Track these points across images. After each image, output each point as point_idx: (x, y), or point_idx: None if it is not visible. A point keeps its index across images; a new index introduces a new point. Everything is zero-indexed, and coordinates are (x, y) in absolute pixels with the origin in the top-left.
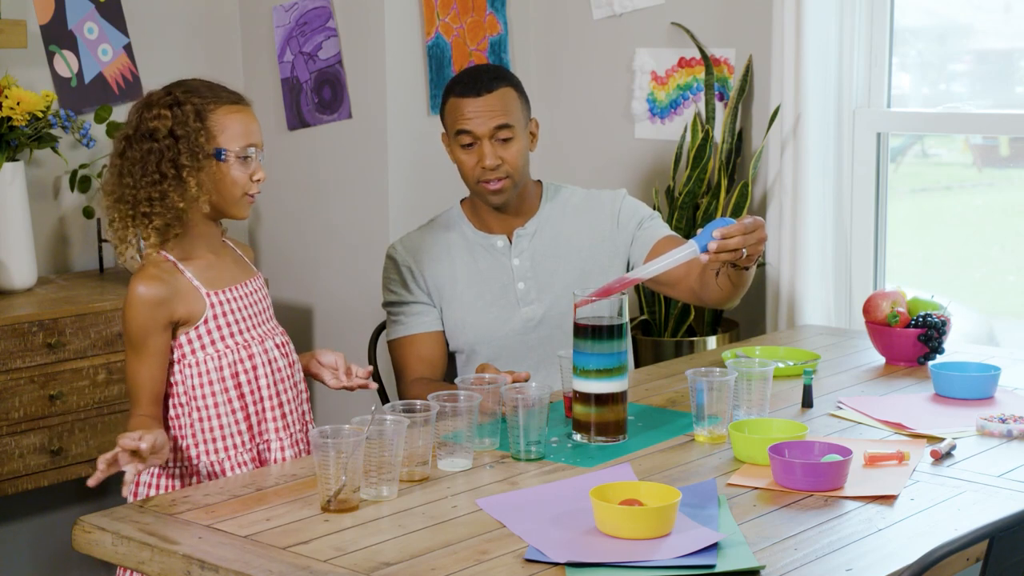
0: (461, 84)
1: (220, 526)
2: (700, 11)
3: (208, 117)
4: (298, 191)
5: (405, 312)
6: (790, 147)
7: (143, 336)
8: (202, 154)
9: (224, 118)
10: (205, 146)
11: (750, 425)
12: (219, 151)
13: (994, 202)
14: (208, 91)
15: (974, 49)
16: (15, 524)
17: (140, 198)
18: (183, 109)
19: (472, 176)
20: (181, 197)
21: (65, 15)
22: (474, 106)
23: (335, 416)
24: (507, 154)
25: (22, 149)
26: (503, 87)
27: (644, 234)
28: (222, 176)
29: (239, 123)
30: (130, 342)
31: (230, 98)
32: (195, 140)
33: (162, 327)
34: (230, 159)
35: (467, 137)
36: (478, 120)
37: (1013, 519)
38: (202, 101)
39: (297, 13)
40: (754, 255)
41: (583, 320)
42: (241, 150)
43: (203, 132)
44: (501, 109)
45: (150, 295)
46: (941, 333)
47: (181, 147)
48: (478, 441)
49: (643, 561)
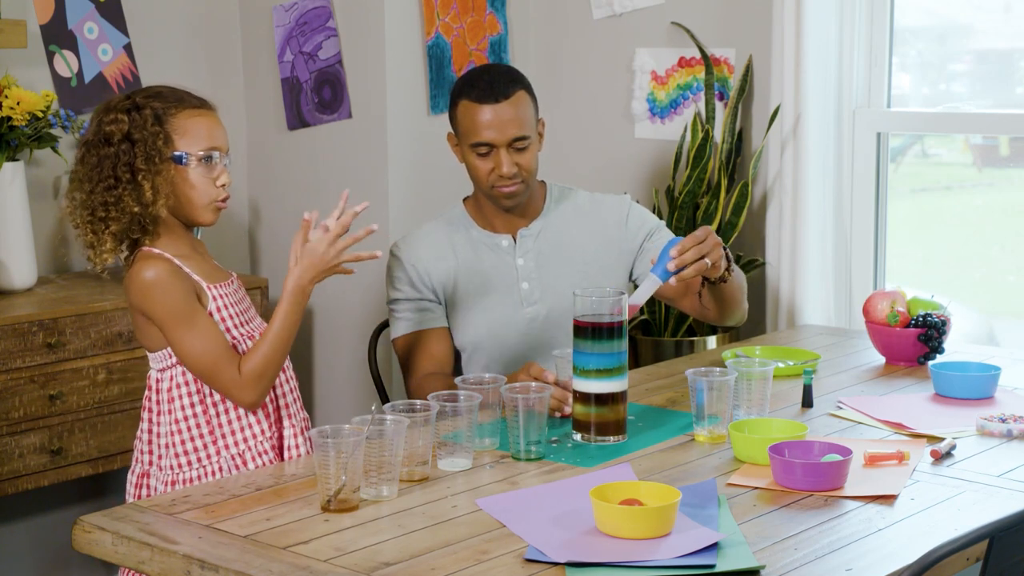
0: (477, 89)
1: (220, 526)
2: (700, 11)
3: (168, 121)
4: (298, 191)
5: (411, 309)
6: (790, 147)
7: (190, 302)
8: (159, 157)
9: (186, 122)
10: (163, 149)
11: (750, 425)
12: (179, 155)
13: (994, 202)
14: (171, 95)
15: (974, 49)
16: (15, 524)
17: (96, 203)
18: (142, 113)
19: (487, 181)
20: (136, 201)
21: (65, 15)
22: (492, 113)
23: (335, 416)
24: (523, 160)
25: (22, 149)
26: (518, 91)
27: (653, 246)
28: (183, 180)
29: (201, 127)
30: (180, 317)
31: (193, 102)
32: (152, 143)
33: (194, 294)
34: (191, 163)
35: (484, 148)
36: (495, 130)
37: (1013, 519)
38: (163, 105)
39: (297, 13)
40: (717, 263)
41: (583, 319)
42: (203, 153)
43: (161, 135)
44: (518, 118)
45: (168, 269)
46: (941, 333)
47: (137, 151)
48: (478, 441)
49: (643, 561)
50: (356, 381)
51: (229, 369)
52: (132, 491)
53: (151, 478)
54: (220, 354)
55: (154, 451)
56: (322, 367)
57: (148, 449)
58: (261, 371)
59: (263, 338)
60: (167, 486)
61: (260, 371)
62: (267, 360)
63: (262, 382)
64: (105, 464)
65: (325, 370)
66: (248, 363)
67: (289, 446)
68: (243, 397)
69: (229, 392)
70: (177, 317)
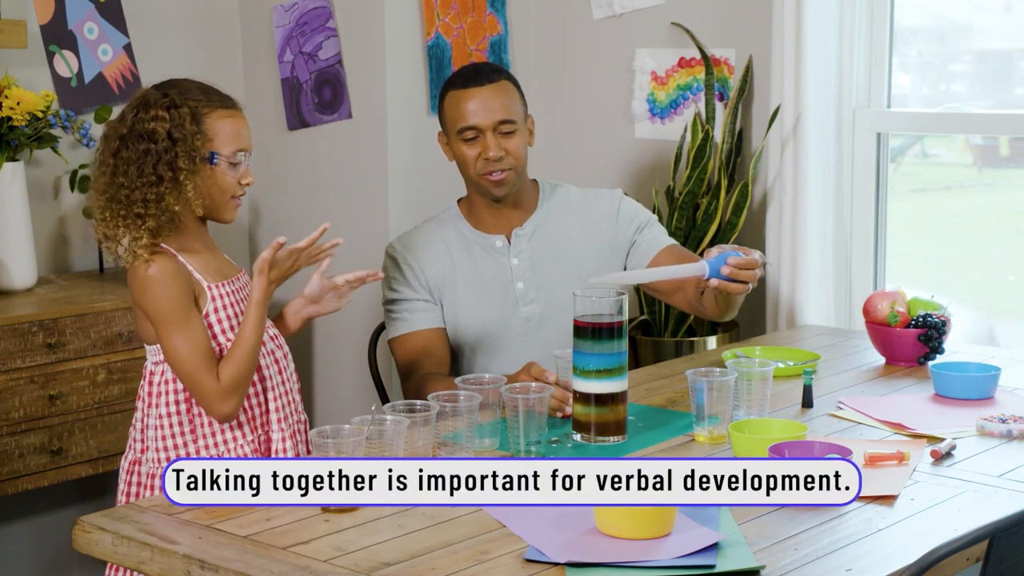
0: (462, 77)
1: (220, 526)
2: (700, 11)
3: (203, 120)
4: (298, 191)
5: (408, 309)
6: (790, 147)
7: (185, 303)
8: (198, 157)
9: (218, 122)
10: (200, 149)
11: (750, 425)
12: (212, 155)
13: (994, 202)
14: (202, 94)
15: (974, 49)
16: (15, 524)
17: (135, 199)
18: (179, 111)
19: (474, 169)
20: (177, 200)
21: (65, 15)
22: (478, 96)
23: (335, 416)
24: (510, 146)
25: (22, 149)
26: (503, 79)
27: (645, 240)
28: (213, 180)
29: (232, 127)
30: (171, 318)
31: (224, 102)
32: (191, 143)
33: (191, 293)
34: (221, 163)
35: (471, 132)
36: (481, 113)
37: (1013, 519)
38: (197, 104)
39: (297, 13)
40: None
41: (583, 319)
42: (232, 155)
43: (199, 135)
44: (503, 102)
45: (170, 268)
46: (941, 333)
47: (179, 150)
48: (478, 441)
49: (643, 561)
50: (356, 381)
51: (209, 377)
52: (124, 476)
53: (141, 465)
54: (203, 360)
55: (143, 441)
56: (322, 367)
57: (140, 438)
58: (237, 380)
59: (236, 349)
60: (151, 478)
61: (236, 380)
62: (241, 370)
63: (238, 392)
64: (105, 464)
65: (325, 370)
66: (225, 370)
67: (277, 450)
68: (220, 408)
69: (207, 401)
70: (169, 316)
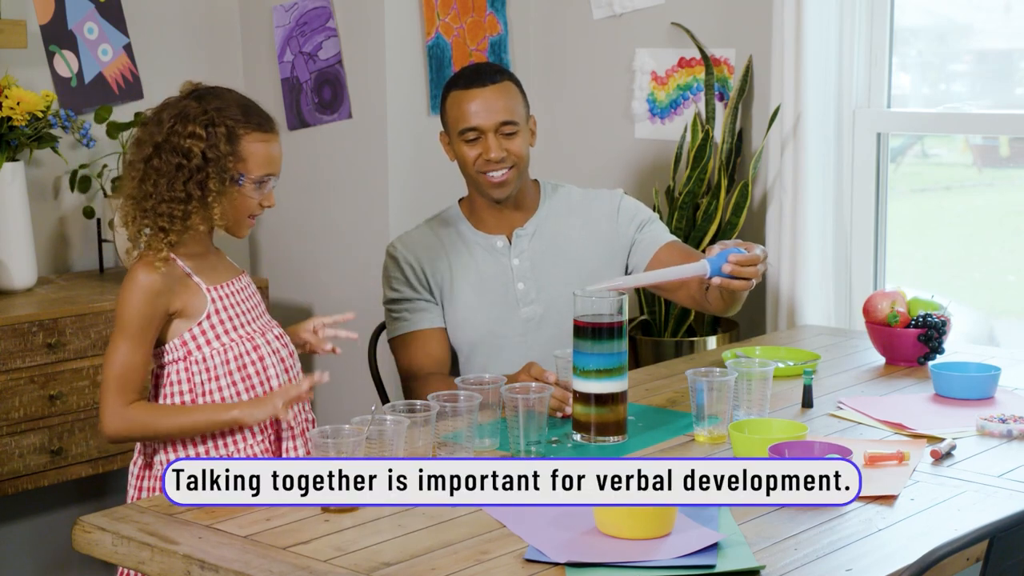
0: (464, 78)
1: (220, 526)
2: (700, 11)
3: (238, 142)
4: (298, 191)
5: (409, 309)
6: (790, 147)
7: (143, 324)
8: (228, 179)
9: (252, 145)
10: (231, 170)
11: (750, 425)
12: (240, 176)
13: (994, 202)
14: (241, 113)
15: (974, 49)
16: (15, 524)
17: (161, 211)
18: (216, 131)
19: (475, 169)
20: (203, 220)
21: (65, 15)
22: (480, 97)
23: (335, 416)
24: (512, 146)
25: (22, 149)
26: (505, 80)
27: (645, 238)
28: (237, 200)
29: (264, 152)
30: (125, 328)
31: (261, 125)
32: (223, 164)
33: (160, 317)
34: (247, 185)
35: (472, 133)
36: (483, 114)
37: (1013, 519)
38: (235, 124)
39: (297, 13)
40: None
41: (583, 320)
42: (259, 178)
43: (232, 156)
44: (505, 103)
45: (151, 284)
46: (941, 333)
47: (211, 170)
48: (478, 441)
49: (643, 561)
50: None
51: (118, 396)
52: (133, 482)
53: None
54: (125, 380)
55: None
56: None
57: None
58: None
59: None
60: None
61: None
62: (149, 426)
63: (131, 431)
64: (105, 464)
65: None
66: (141, 410)
67: (287, 449)
68: (106, 427)
69: (102, 413)
70: (124, 324)
